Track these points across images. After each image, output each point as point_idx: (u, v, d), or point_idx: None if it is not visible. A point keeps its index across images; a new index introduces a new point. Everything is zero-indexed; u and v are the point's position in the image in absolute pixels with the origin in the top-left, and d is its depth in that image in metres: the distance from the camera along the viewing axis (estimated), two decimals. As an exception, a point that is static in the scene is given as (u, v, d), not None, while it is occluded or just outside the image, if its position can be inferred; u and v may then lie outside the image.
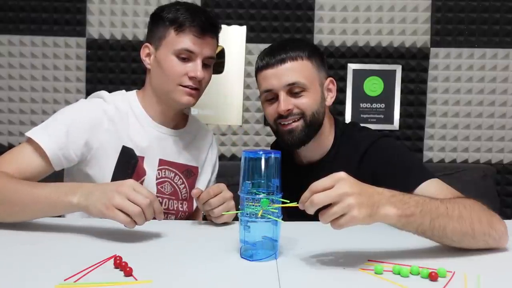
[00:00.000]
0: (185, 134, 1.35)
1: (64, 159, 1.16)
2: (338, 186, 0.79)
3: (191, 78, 1.21)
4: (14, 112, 2.29)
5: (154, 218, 0.96)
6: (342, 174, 0.81)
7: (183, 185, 1.33)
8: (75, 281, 0.74)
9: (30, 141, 1.15)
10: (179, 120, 1.34)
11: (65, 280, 0.74)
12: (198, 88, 1.23)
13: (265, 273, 0.81)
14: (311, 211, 0.80)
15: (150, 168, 1.26)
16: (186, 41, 1.19)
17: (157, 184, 1.27)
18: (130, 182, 0.95)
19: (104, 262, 0.82)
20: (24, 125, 2.29)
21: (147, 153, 1.25)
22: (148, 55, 1.26)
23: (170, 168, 1.30)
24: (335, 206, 0.78)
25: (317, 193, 0.79)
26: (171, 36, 1.21)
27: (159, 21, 1.23)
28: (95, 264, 0.81)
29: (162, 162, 1.28)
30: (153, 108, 1.28)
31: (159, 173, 1.28)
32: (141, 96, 1.29)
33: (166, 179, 1.29)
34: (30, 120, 2.29)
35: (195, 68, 1.20)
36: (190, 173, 1.35)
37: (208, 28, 1.21)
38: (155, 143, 1.27)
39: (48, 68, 2.27)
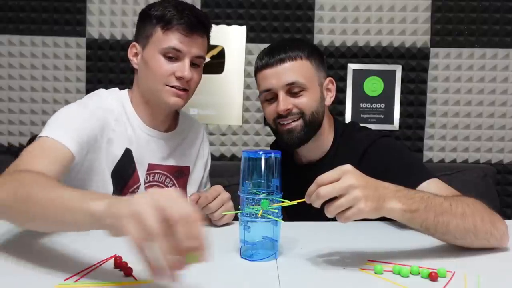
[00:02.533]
0: (176, 135, 1.31)
1: (83, 149, 1.08)
2: (344, 178, 0.79)
3: (178, 78, 1.16)
4: (14, 112, 2.29)
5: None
6: (348, 167, 0.81)
7: (173, 187, 1.29)
8: (75, 281, 0.74)
9: (45, 139, 1.03)
10: (170, 122, 1.29)
11: (65, 280, 0.74)
12: (186, 89, 1.18)
13: (265, 273, 0.81)
14: (317, 204, 0.80)
15: (140, 173, 1.22)
16: (173, 39, 1.14)
17: (145, 188, 1.23)
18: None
19: (104, 262, 0.82)
20: (24, 125, 2.29)
21: (137, 157, 1.21)
22: (136, 54, 1.22)
23: (160, 172, 1.26)
24: (341, 198, 0.78)
25: (323, 186, 0.79)
26: (157, 34, 1.16)
27: (146, 19, 1.19)
28: (95, 264, 0.81)
29: (151, 166, 1.24)
30: (143, 111, 1.23)
31: (147, 177, 1.24)
32: (131, 97, 1.24)
33: (154, 183, 1.25)
34: (30, 120, 2.29)
35: (183, 67, 1.15)
36: (181, 173, 1.31)
37: (196, 26, 1.16)
38: (145, 147, 1.22)
39: (48, 68, 2.27)
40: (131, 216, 0.61)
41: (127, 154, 1.20)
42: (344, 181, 0.79)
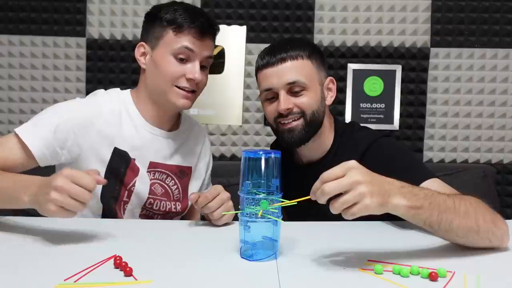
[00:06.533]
0: (179, 135, 1.32)
1: (51, 157, 1.16)
2: (350, 174, 0.79)
3: (188, 80, 1.18)
4: (14, 112, 2.29)
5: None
6: (353, 163, 0.81)
7: (175, 186, 1.30)
8: (75, 281, 0.74)
9: (17, 135, 1.14)
10: (173, 122, 1.31)
11: (65, 280, 0.74)
12: (195, 91, 1.21)
13: (265, 273, 0.81)
14: (322, 200, 0.80)
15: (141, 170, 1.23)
16: (185, 41, 1.17)
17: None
18: (66, 173, 0.90)
19: (104, 262, 0.82)
20: (24, 125, 2.28)
21: (138, 155, 1.23)
22: (144, 54, 1.23)
23: (162, 170, 1.27)
24: (346, 194, 0.78)
25: (328, 182, 0.79)
26: (169, 36, 1.18)
27: (156, 21, 1.20)
28: (95, 264, 0.81)
29: (152, 164, 1.25)
30: (147, 110, 1.25)
31: (148, 175, 1.25)
32: (135, 96, 1.26)
33: (156, 181, 1.26)
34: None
35: (193, 69, 1.18)
36: (183, 173, 1.32)
37: (207, 30, 1.19)
38: (147, 145, 1.24)
39: (48, 68, 2.27)
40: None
41: (117, 154, 1.21)
42: (349, 177, 0.78)
